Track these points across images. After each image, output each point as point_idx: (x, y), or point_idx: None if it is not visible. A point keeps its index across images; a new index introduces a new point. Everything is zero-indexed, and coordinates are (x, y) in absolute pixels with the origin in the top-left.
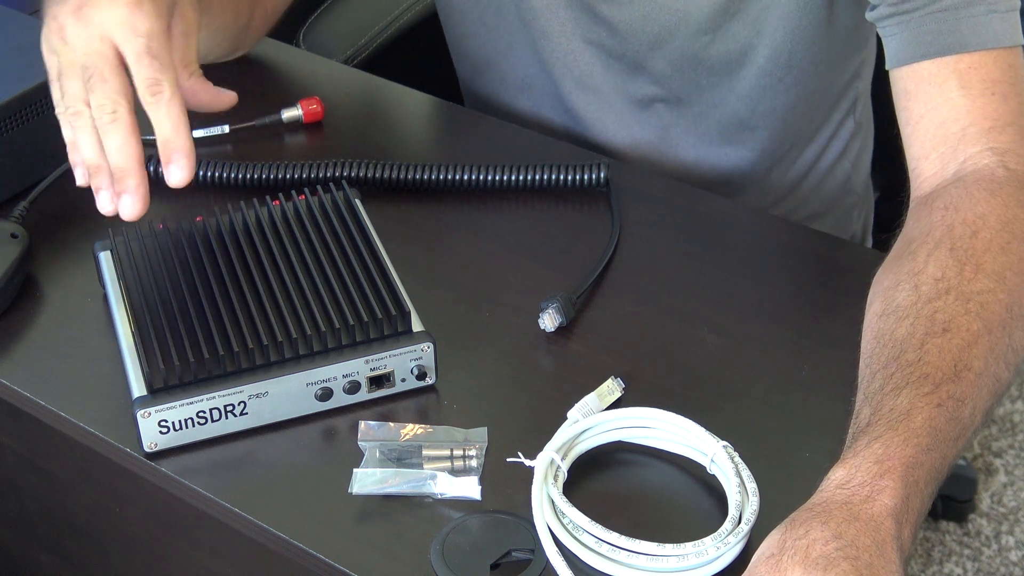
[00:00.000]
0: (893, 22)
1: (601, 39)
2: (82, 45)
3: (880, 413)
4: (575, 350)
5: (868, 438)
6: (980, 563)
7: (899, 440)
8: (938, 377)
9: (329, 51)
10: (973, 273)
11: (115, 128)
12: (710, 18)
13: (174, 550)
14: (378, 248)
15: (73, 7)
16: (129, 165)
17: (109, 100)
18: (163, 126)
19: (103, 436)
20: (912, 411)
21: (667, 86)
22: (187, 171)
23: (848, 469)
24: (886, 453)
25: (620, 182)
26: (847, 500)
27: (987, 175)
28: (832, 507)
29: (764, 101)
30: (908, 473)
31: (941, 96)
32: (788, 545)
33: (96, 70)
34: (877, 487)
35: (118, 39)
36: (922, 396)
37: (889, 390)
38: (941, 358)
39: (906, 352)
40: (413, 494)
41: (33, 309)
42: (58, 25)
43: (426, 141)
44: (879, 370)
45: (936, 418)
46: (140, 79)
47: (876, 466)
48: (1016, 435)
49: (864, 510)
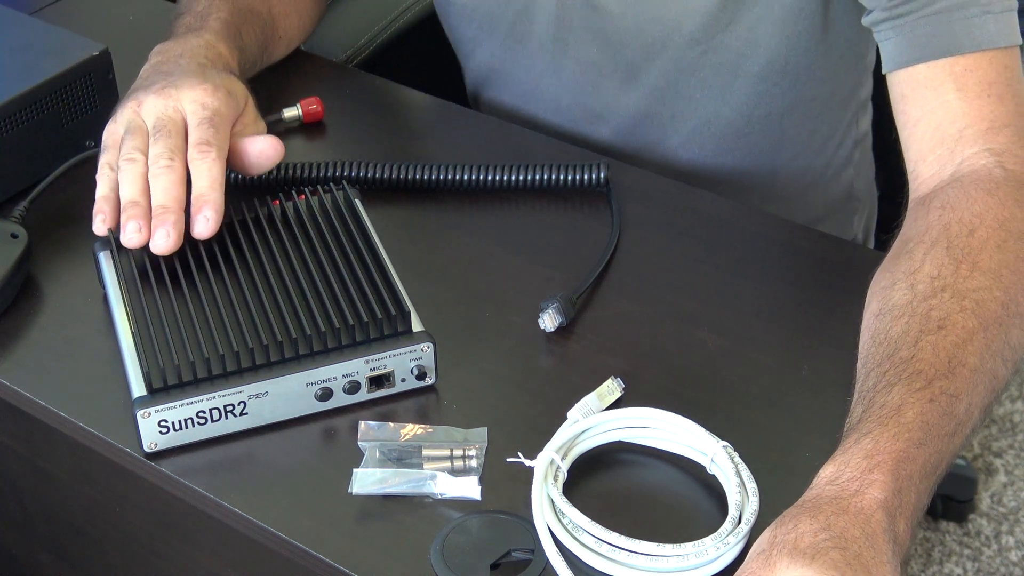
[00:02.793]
0: (888, 26)
1: (594, 52)
2: (156, 112)
3: (871, 410)
4: (575, 350)
5: (858, 434)
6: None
7: (889, 435)
8: (931, 373)
9: (329, 51)
10: (969, 271)
11: (167, 173)
12: (702, 28)
13: (174, 550)
14: (378, 248)
15: (157, 88)
16: (172, 205)
17: (168, 150)
18: (201, 180)
19: (103, 436)
20: (903, 406)
21: (662, 97)
22: (213, 224)
23: (837, 466)
24: (875, 448)
25: (620, 182)
26: (836, 495)
27: (984, 175)
28: (821, 502)
29: (760, 108)
30: (899, 467)
31: (938, 99)
32: (778, 540)
33: (163, 129)
34: (866, 481)
35: (187, 110)
36: (914, 392)
37: (881, 387)
38: (935, 355)
39: (900, 350)
40: (413, 494)
41: (33, 309)
42: (137, 102)
43: (426, 141)
44: (873, 368)
45: (928, 413)
46: (193, 140)
47: (865, 461)
48: (1016, 435)
49: (853, 503)
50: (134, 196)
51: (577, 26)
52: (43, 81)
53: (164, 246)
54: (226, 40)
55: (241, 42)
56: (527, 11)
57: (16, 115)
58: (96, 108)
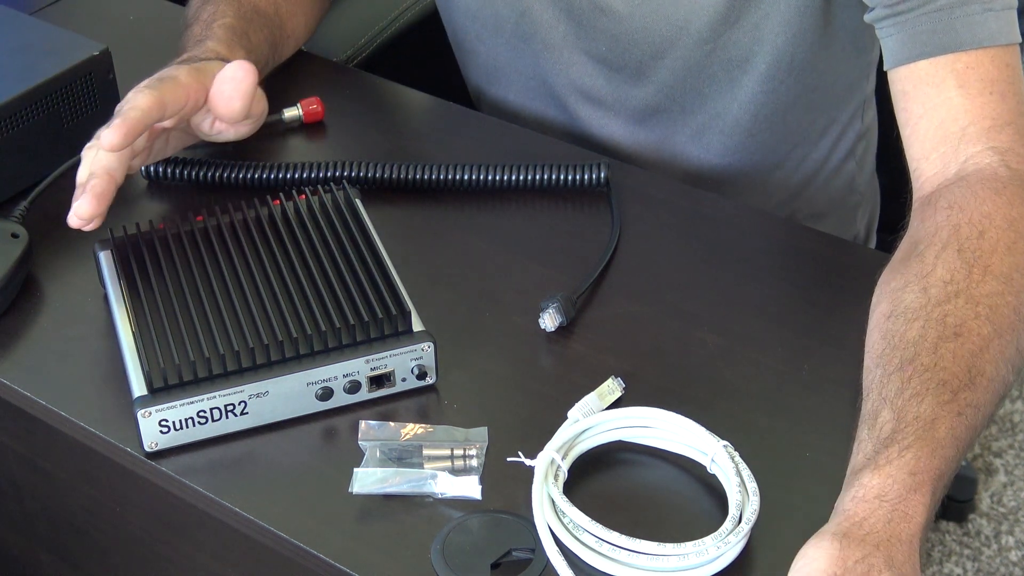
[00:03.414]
0: (889, 23)
1: (602, 51)
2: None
3: (906, 420)
4: (575, 350)
5: (899, 447)
6: (980, 563)
7: (927, 451)
8: (955, 384)
9: (329, 51)
10: (981, 275)
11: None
12: (710, 27)
13: (174, 550)
14: (378, 248)
15: None
16: (98, 170)
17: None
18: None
19: (103, 436)
20: (936, 420)
21: (669, 95)
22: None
23: (884, 479)
24: (918, 466)
25: (620, 182)
26: (890, 518)
27: (990, 174)
28: (879, 527)
29: (767, 106)
30: (936, 486)
31: (939, 96)
32: (849, 566)
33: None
34: (912, 503)
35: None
36: (943, 404)
37: (909, 396)
38: (956, 364)
39: (920, 356)
40: (413, 494)
41: (33, 309)
42: None
43: (426, 141)
44: (894, 372)
45: (957, 427)
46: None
47: (910, 478)
48: (1016, 435)
49: (905, 531)
50: (81, 179)
51: (586, 25)
52: (43, 81)
53: (81, 211)
54: (229, 44)
55: (249, 44)
56: (530, 12)
57: (16, 115)
58: (96, 108)
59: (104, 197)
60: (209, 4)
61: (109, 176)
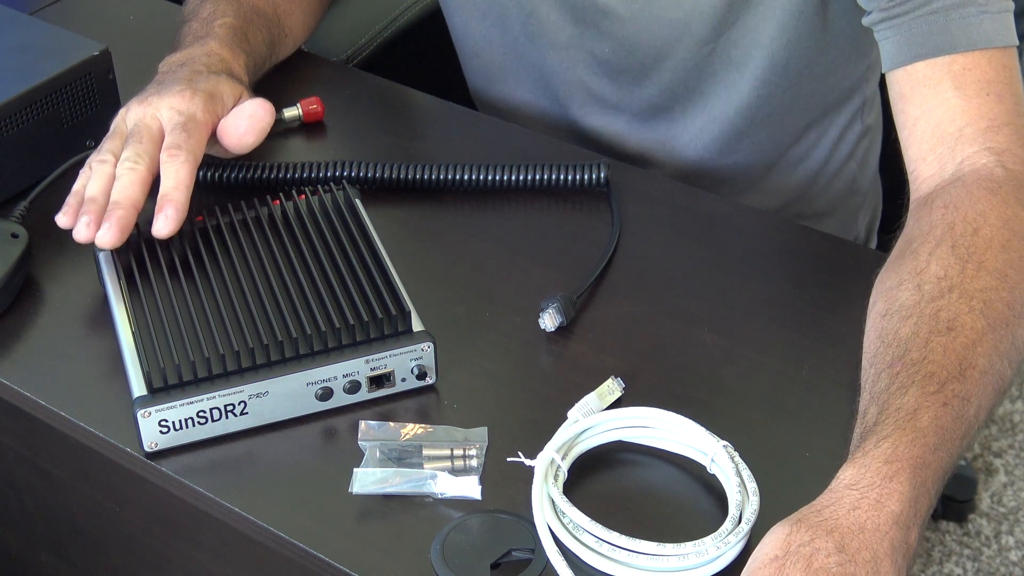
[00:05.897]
0: (886, 26)
1: (606, 53)
2: (135, 118)
3: (887, 412)
4: (575, 350)
5: (876, 437)
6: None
7: (907, 440)
8: (943, 376)
9: (329, 51)
10: (975, 271)
11: (128, 175)
12: (710, 28)
13: (174, 550)
14: (378, 248)
15: (143, 97)
16: (123, 202)
17: (135, 154)
18: (167, 181)
19: (103, 436)
20: (919, 410)
21: (672, 95)
22: (173, 224)
23: (857, 469)
24: (895, 453)
25: (620, 182)
26: (856, 505)
27: (986, 174)
28: (840, 512)
29: (764, 107)
30: (916, 474)
31: (936, 97)
32: (792, 549)
33: (137, 134)
34: (886, 491)
35: (164, 116)
36: (928, 395)
37: (895, 389)
38: (946, 356)
39: (911, 351)
40: (413, 494)
41: (33, 309)
42: (126, 109)
43: (426, 141)
44: (884, 369)
45: (942, 417)
46: (165, 144)
47: (885, 466)
48: (1016, 435)
49: (871, 519)
50: (94, 194)
51: (590, 27)
52: (43, 81)
53: (105, 240)
54: (231, 45)
55: (248, 45)
56: (537, 12)
57: (16, 115)
58: (96, 108)
59: (128, 229)
60: (208, 1)
61: (135, 209)
